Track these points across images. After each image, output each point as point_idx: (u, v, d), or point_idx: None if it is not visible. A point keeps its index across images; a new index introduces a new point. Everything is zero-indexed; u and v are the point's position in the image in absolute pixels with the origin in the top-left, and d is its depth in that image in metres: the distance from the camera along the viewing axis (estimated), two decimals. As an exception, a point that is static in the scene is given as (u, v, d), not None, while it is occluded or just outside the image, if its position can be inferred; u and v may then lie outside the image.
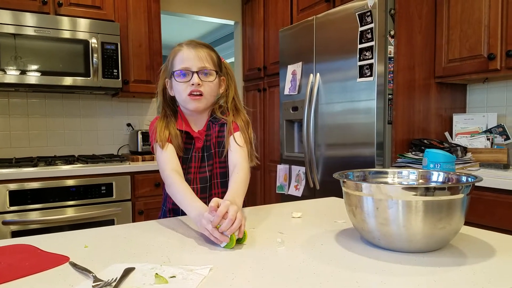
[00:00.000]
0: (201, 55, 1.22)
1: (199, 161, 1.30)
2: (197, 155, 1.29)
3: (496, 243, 0.88)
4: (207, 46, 1.26)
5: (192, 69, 1.21)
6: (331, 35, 2.39)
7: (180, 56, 1.22)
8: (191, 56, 1.21)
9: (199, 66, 1.21)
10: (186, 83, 1.21)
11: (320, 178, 2.52)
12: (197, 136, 1.29)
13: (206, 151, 1.30)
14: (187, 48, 1.22)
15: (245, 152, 1.25)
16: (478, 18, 2.06)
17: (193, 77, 1.20)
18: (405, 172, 1.02)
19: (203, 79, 1.22)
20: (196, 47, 1.22)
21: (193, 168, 1.29)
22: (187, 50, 1.22)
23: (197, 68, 1.21)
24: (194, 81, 1.20)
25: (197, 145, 1.30)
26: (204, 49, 1.23)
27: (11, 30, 2.41)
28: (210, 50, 1.26)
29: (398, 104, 2.15)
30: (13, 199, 2.25)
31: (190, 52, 1.21)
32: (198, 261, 0.79)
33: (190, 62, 1.21)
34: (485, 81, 2.32)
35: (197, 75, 1.21)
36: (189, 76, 1.21)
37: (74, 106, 3.02)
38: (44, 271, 0.75)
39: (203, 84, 1.22)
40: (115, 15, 2.80)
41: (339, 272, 0.72)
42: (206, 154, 1.30)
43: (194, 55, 1.21)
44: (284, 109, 2.85)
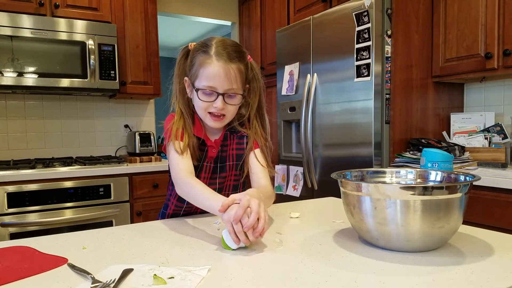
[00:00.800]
0: (231, 74, 1.08)
1: (210, 171, 1.22)
2: (208, 165, 1.21)
3: (495, 242, 0.88)
4: (239, 56, 1.12)
5: (218, 90, 1.09)
6: (328, 35, 2.39)
7: (208, 70, 1.08)
8: (220, 75, 1.08)
9: (226, 88, 1.09)
10: (209, 103, 1.11)
11: (318, 178, 2.52)
12: (211, 145, 1.21)
13: (220, 162, 1.23)
14: (217, 61, 1.08)
15: (267, 174, 1.20)
16: (475, 17, 2.06)
17: (217, 100, 1.10)
18: (403, 171, 1.02)
19: (228, 102, 1.12)
20: (227, 61, 1.08)
21: (202, 179, 1.19)
22: (217, 65, 1.07)
23: (224, 91, 1.09)
24: (218, 105, 1.10)
25: (210, 155, 1.21)
26: (235, 64, 1.10)
27: (8, 32, 2.41)
28: (241, 61, 1.12)
29: (395, 104, 2.16)
30: (11, 201, 2.24)
31: (220, 69, 1.07)
32: (196, 262, 0.79)
33: (218, 82, 1.08)
34: (483, 80, 2.33)
35: (223, 98, 1.10)
36: (213, 96, 1.10)
37: (72, 108, 3.02)
38: (42, 272, 0.75)
39: (226, 107, 1.12)
40: (111, 16, 2.79)
41: (338, 272, 0.72)
42: (220, 165, 1.23)
43: (224, 74, 1.08)
44: (282, 110, 2.85)
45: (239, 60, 1.11)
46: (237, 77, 1.10)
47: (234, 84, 1.10)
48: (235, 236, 0.84)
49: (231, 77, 1.09)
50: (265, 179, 1.18)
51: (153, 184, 2.66)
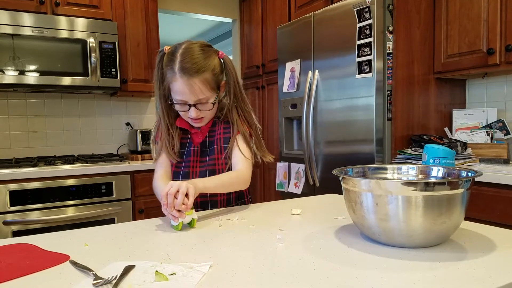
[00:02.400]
0: (195, 88, 1.18)
1: (197, 155, 1.32)
2: (195, 149, 1.32)
3: (497, 237, 0.88)
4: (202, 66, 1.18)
5: (189, 102, 1.21)
6: (330, 32, 2.39)
7: (175, 87, 1.19)
8: (185, 91, 1.18)
9: (194, 99, 1.20)
10: (185, 112, 1.24)
11: (319, 175, 2.52)
12: (195, 132, 1.32)
13: (209, 146, 1.32)
14: (181, 78, 1.17)
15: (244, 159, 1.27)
16: (477, 13, 2.05)
17: (190, 110, 1.22)
18: (404, 167, 1.02)
19: (201, 109, 1.23)
20: (189, 77, 1.16)
21: (192, 162, 1.31)
22: (181, 82, 1.17)
23: (193, 102, 1.21)
24: (192, 115, 1.23)
25: (196, 140, 1.33)
26: (198, 77, 1.17)
27: (9, 31, 2.41)
28: (206, 70, 1.19)
29: (397, 100, 2.15)
30: (13, 199, 2.25)
31: (184, 86, 1.17)
32: (198, 258, 0.79)
33: (186, 96, 1.19)
34: (485, 76, 2.32)
35: (195, 107, 1.22)
36: (186, 107, 1.22)
37: (73, 106, 3.02)
38: (44, 269, 0.75)
39: (201, 112, 1.24)
40: (112, 14, 2.79)
41: (339, 268, 0.72)
42: (209, 149, 1.32)
43: (188, 90, 1.18)
44: (283, 107, 2.85)
45: (203, 71, 1.18)
46: (203, 88, 1.19)
47: (201, 94, 1.20)
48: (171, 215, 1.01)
49: (196, 91, 1.19)
50: (242, 163, 1.26)
51: (154, 182, 2.66)
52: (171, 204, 0.99)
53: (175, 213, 0.99)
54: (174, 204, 0.99)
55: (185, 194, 1.01)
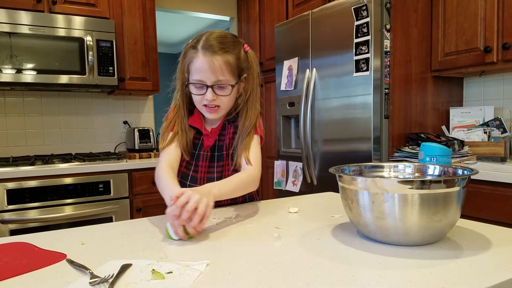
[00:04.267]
0: (216, 65, 1.11)
1: (207, 160, 1.26)
2: (205, 154, 1.25)
3: (493, 235, 0.88)
4: (226, 47, 1.14)
5: (206, 82, 1.13)
6: (327, 30, 2.39)
7: (195, 64, 1.13)
8: (205, 67, 1.11)
9: (214, 80, 1.12)
10: (200, 95, 1.16)
11: (317, 173, 2.52)
12: (207, 134, 1.25)
13: (217, 151, 1.25)
14: (203, 55, 1.11)
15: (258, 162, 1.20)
16: (474, 11, 2.06)
17: (207, 92, 1.14)
18: (401, 166, 1.02)
19: (219, 93, 1.15)
20: (212, 54, 1.11)
21: (200, 167, 1.25)
22: (202, 58, 1.11)
23: (212, 82, 1.13)
24: (208, 97, 1.14)
25: (206, 143, 1.25)
26: (221, 56, 1.12)
27: (6, 29, 2.40)
28: (229, 53, 1.14)
29: (394, 99, 2.15)
30: (11, 198, 2.25)
31: (205, 62, 1.11)
32: (194, 257, 0.79)
33: (205, 75, 1.12)
34: (482, 74, 2.33)
35: (212, 89, 1.14)
36: (203, 89, 1.14)
37: (71, 104, 3.01)
38: (41, 268, 0.75)
39: (218, 98, 1.15)
40: (109, 12, 2.78)
41: (336, 266, 0.72)
42: (217, 154, 1.26)
43: (209, 66, 1.11)
44: (281, 105, 2.85)
45: (226, 52, 1.13)
46: (224, 69, 1.13)
47: (221, 75, 1.13)
48: (175, 228, 0.89)
49: (216, 69, 1.12)
50: (252, 162, 1.18)
51: (152, 180, 2.66)
52: (182, 222, 0.88)
53: (180, 231, 0.89)
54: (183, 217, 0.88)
55: (202, 216, 0.89)
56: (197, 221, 0.88)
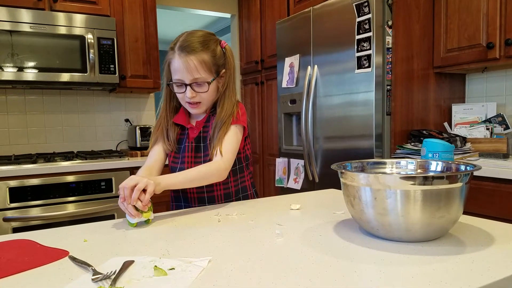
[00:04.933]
0: (191, 65, 1.19)
1: (192, 151, 1.32)
2: (190, 145, 1.32)
3: (495, 231, 0.88)
4: (200, 46, 1.21)
5: (184, 81, 1.22)
6: (329, 27, 2.38)
7: (173, 65, 1.22)
8: (181, 68, 1.20)
9: (191, 78, 1.21)
10: (182, 93, 1.24)
11: (319, 171, 2.52)
12: (191, 127, 1.33)
13: (202, 142, 1.31)
14: (178, 56, 1.20)
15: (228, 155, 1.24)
16: (476, 7, 2.05)
17: (186, 91, 1.23)
18: (403, 162, 1.02)
19: (197, 90, 1.23)
20: (187, 54, 1.19)
21: (186, 158, 1.32)
22: (178, 59, 1.20)
23: (189, 81, 1.21)
24: (188, 94, 1.22)
25: (191, 135, 1.33)
26: (195, 55, 1.20)
27: (7, 27, 2.40)
28: (204, 51, 1.22)
29: (396, 95, 2.15)
30: (13, 196, 2.25)
31: (180, 63, 1.20)
32: (197, 253, 0.79)
33: (182, 74, 1.21)
34: (484, 70, 2.32)
35: (191, 87, 1.22)
36: (183, 88, 1.23)
37: (72, 103, 3.01)
38: (43, 265, 0.75)
39: (198, 95, 1.24)
40: (110, 10, 2.78)
41: (338, 262, 0.72)
42: (202, 145, 1.31)
43: (185, 66, 1.19)
44: (282, 102, 2.85)
45: (201, 50, 1.21)
46: (199, 67, 1.20)
47: (196, 74, 1.21)
48: (127, 211, 1.00)
49: (192, 69, 1.20)
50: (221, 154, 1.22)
51: (154, 178, 2.66)
52: (127, 198, 0.99)
53: (131, 209, 0.99)
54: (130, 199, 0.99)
55: (141, 189, 1.00)
56: (136, 194, 0.98)
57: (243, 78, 3.76)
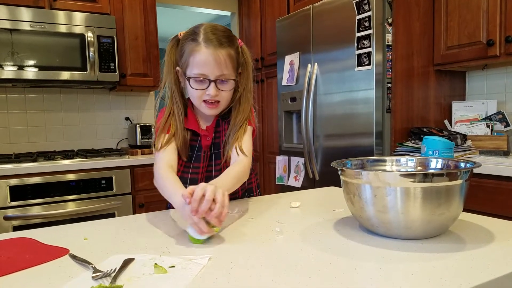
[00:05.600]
0: (221, 58, 1.08)
1: (207, 160, 1.23)
2: (204, 154, 1.22)
3: (495, 229, 0.88)
4: (227, 41, 1.11)
5: (209, 77, 1.09)
6: (329, 24, 2.37)
7: (198, 58, 1.08)
8: (210, 61, 1.07)
9: (217, 74, 1.09)
10: (202, 90, 1.11)
11: (319, 168, 2.52)
12: (205, 134, 1.21)
13: (214, 149, 1.23)
14: (206, 48, 1.07)
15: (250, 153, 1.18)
16: (476, 4, 2.04)
17: (209, 87, 1.10)
18: (403, 159, 1.02)
19: (221, 88, 1.11)
20: (216, 47, 1.07)
21: (200, 168, 1.22)
22: (206, 52, 1.07)
23: (215, 77, 1.09)
24: (211, 92, 1.10)
25: (204, 143, 1.22)
26: (225, 49, 1.09)
27: (7, 26, 2.40)
28: (231, 47, 1.12)
29: (397, 93, 2.14)
30: (13, 194, 2.26)
31: (209, 56, 1.07)
32: (197, 251, 0.79)
33: (208, 69, 1.08)
34: (485, 67, 2.31)
35: (215, 84, 1.10)
36: (205, 84, 1.10)
37: (72, 101, 3.02)
38: (44, 263, 0.75)
39: (219, 93, 1.12)
40: (110, 8, 2.78)
41: (338, 260, 0.72)
42: (214, 152, 1.23)
43: (213, 60, 1.07)
44: (282, 100, 2.84)
45: (228, 45, 1.11)
46: (227, 63, 1.10)
47: (225, 69, 1.10)
48: (198, 228, 0.82)
49: (221, 63, 1.08)
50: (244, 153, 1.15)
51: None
52: (202, 213, 0.82)
53: (203, 226, 0.82)
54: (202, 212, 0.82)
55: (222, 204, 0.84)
56: (218, 209, 0.82)
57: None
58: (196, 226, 0.82)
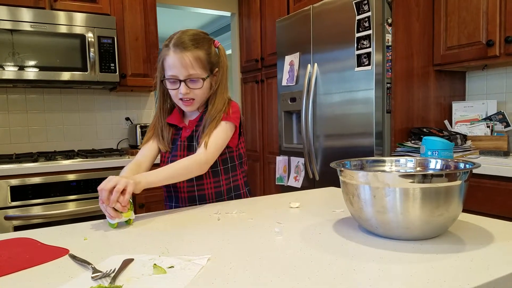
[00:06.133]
0: (186, 61, 1.21)
1: (184, 149, 1.32)
2: (182, 144, 1.33)
3: (495, 229, 0.88)
4: (195, 44, 1.23)
5: (179, 77, 1.23)
6: (328, 25, 2.38)
7: (168, 61, 1.23)
8: (176, 63, 1.21)
9: (185, 74, 1.22)
10: (175, 90, 1.25)
11: (319, 169, 2.52)
12: (184, 127, 1.34)
13: (195, 140, 1.32)
14: (173, 52, 1.21)
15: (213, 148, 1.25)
16: (476, 5, 2.04)
17: (180, 86, 1.23)
18: (402, 160, 1.02)
19: (191, 87, 1.24)
20: (182, 50, 1.21)
21: (178, 157, 1.31)
22: (173, 55, 1.21)
23: (184, 77, 1.22)
24: (182, 90, 1.23)
25: (184, 135, 1.33)
26: (190, 52, 1.21)
27: (8, 26, 2.40)
28: (198, 48, 1.23)
29: (396, 93, 2.15)
30: (14, 194, 2.26)
31: (176, 59, 1.21)
32: (196, 252, 0.79)
33: (177, 70, 1.22)
34: (484, 68, 2.31)
35: (185, 83, 1.23)
36: (177, 84, 1.24)
37: (73, 101, 3.02)
38: (43, 263, 0.75)
39: (191, 91, 1.25)
40: (110, 9, 2.78)
41: (337, 260, 0.72)
42: (195, 143, 1.31)
43: (180, 62, 1.21)
44: (282, 100, 2.85)
45: (196, 48, 1.23)
46: (194, 64, 1.22)
47: (192, 70, 1.22)
48: (106, 213, 0.99)
49: (187, 64, 1.21)
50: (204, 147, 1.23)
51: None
52: (106, 200, 0.98)
53: (110, 211, 0.98)
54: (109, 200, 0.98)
55: (120, 191, 0.99)
56: (115, 196, 0.97)
57: (243, 76, 3.76)
58: (106, 212, 0.99)
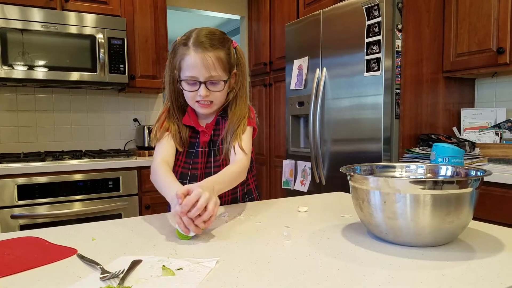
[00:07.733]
0: (208, 61, 1.13)
1: (205, 156, 1.26)
2: (203, 150, 1.26)
3: (505, 237, 0.87)
4: (216, 43, 1.16)
5: (199, 79, 1.15)
6: (338, 29, 2.37)
7: (187, 61, 1.14)
8: (197, 64, 1.13)
9: (206, 76, 1.15)
10: (193, 92, 1.18)
11: (326, 173, 2.51)
12: (203, 131, 1.26)
13: (213, 145, 1.27)
14: (194, 52, 1.13)
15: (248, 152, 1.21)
16: (487, 11, 2.03)
17: (200, 88, 1.16)
18: (413, 166, 1.01)
19: (211, 89, 1.17)
20: (204, 50, 1.13)
21: (199, 164, 1.26)
22: (194, 55, 1.13)
23: (204, 78, 1.15)
24: (201, 93, 1.16)
25: (203, 139, 1.26)
26: (213, 52, 1.14)
27: (19, 26, 2.43)
28: (220, 49, 1.16)
29: (405, 99, 2.14)
30: (21, 193, 2.27)
31: (197, 59, 1.13)
32: (205, 254, 0.79)
33: (197, 71, 1.14)
34: (494, 75, 2.30)
35: (205, 85, 1.16)
36: (196, 85, 1.16)
37: (81, 102, 3.04)
38: (52, 263, 0.75)
39: (211, 94, 1.18)
40: (121, 10, 2.80)
41: (346, 266, 0.71)
42: (213, 149, 1.27)
43: (201, 62, 1.13)
44: (290, 104, 2.84)
45: (217, 48, 1.16)
46: (216, 64, 1.15)
47: (213, 71, 1.15)
48: (184, 227, 0.88)
49: (209, 65, 1.14)
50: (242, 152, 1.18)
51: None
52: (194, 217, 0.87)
53: (192, 227, 0.87)
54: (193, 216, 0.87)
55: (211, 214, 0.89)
56: (206, 217, 0.88)
57: (251, 80, 3.76)
58: (182, 226, 0.88)
